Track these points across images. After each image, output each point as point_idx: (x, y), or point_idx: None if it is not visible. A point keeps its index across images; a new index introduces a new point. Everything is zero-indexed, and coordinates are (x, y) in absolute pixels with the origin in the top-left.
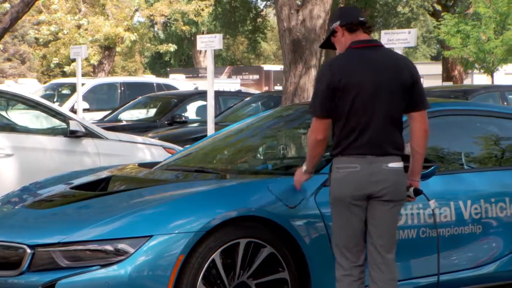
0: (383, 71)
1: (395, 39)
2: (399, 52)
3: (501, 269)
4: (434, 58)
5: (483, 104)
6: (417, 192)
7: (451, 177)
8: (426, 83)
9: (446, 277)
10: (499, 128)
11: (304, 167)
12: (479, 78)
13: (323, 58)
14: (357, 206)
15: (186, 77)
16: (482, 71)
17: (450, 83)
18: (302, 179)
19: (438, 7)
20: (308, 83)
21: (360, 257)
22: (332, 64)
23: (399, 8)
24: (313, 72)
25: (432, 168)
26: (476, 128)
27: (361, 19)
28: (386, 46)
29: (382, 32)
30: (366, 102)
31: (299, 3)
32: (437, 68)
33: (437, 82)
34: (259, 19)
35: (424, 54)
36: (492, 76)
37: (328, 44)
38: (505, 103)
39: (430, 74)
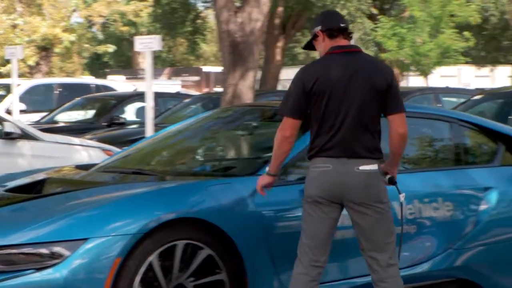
0: (355, 76)
1: None
2: None
3: (435, 267)
4: None
5: (417, 106)
6: (392, 181)
7: None
8: None
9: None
10: (433, 129)
11: (266, 169)
12: (415, 80)
13: (262, 60)
14: (326, 206)
15: (127, 78)
16: (418, 73)
17: None
18: (264, 182)
19: (375, 11)
20: (247, 84)
21: (320, 258)
22: (307, 68)
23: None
24: (251, 74)
25: None
26: (411, 129)
27: (342, 25)
28: None
29: None
30: (338, 106)
31: (238, 5)
32: None
33: None
34: (199, 21)
35: None
36: (427, 78)
37: (309, 46)
38: (439, 105)
39: None
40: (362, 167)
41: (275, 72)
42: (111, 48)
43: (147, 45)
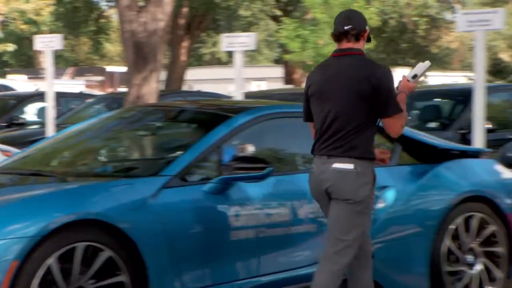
0: (340, 79)
1: (236, 43)
2: (240, 55)
3: None
4: (277, 62)
5: None
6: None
7: (287, 178)
8: (268, 85)
9: (286, 274)
10: None
11: None
12: None
13: (167, 60)
14: (323, 204)
15: (29, 78)
16: None
17: (291, 86)
18: None
19: (279, 12)
20: (151, 85)
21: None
22: (308, 76)
23: (241, 12)
24: (155, 74)
25: (268, 169)
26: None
27: (346, 28)
28: (227, 49)
29: (223, 35)
30: (322, 108)
31: (141, 5)
32: (279, 71)
33: (280, 85)
34: (102, 20)
35: (267, 57)
36: None
37: None
38: None
39: (272, 77)
40: (335, 165)
41: (180, 72)
42: (11, 47)
43: (47, 44)
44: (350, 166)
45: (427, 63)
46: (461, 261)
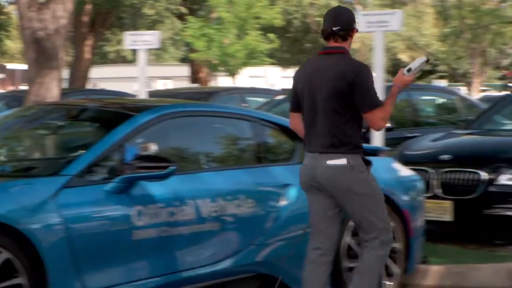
0: (319, 77)
1: (139, 41)
2: (144, 53)
3: (238, 263)
4: (183, 60)
5: (220, 105)
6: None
7: (190, 176)
8: (174, 84)
9: (188, 273)
10: (235, 128)
11: None
12: (225, 80)
13: (70, 58)
14: (312, 194)
15: None
16: (226, 73)
17: (197, 85)
18: None
19: (185, 10)
20: (52, 83)
21: (317, 244)
22: (296, 71)
23: (146, 10)
24: (57, 72)
25: (171, 168)
26: (215, 128)
27: (334, 29)
28: (131, 47)
29: (127, 33)
30: (309, 104)
31: (41, 1)
32: (185, 70)
33: (186, 84)
34: (3, 17)
35: (173, 56)
36: (235, 79)
37: None
38: (245, 105)
39: (178, 76)
40: (328, 162)
41: (84, 70)
42: None
43: None
44: (343, 161)
45: (424, 58)
46: (360, 257)
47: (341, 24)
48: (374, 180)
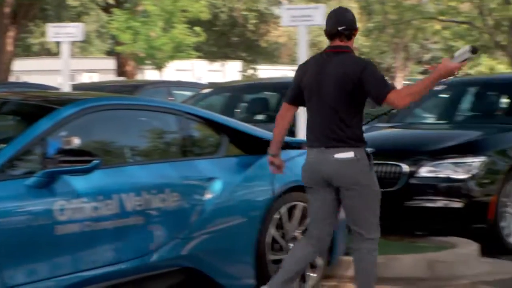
0: (330, 76)
1: (62, 33)
2: (67, 46)
3: (163, 257)
4: (109, 54)
5: (145, 98)
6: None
7: (115, 170)
8: (100, 77)
9: (112, 268)
10: (161, 122)
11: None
12: (152, 74)
13: None
14: (316, 190)
15: None
16: (153, 66)
17: (123, 78)
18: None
19: (111, 2)
20: None
21: (313, 236)
22: (301, 65)
23: (70, 1)
24: None
25: (94, 162)
26: (140, 122)
27: (339, 29)
28: (54, 39)
29: (49, 25)
30: (315, 101)
31: None
32: (111, 63)
33: (112, 77)
34: None
35: (98, 49)
36: (162, 72)
37: None
38: (171, 98)
39: (104, 69)
40: (337, 156)
41: (6, 63)
42: None
43: None
44: (350, 154)
45: (467, 47)
46: (285, 250)
47: (345, 24)
48: (374, 174)
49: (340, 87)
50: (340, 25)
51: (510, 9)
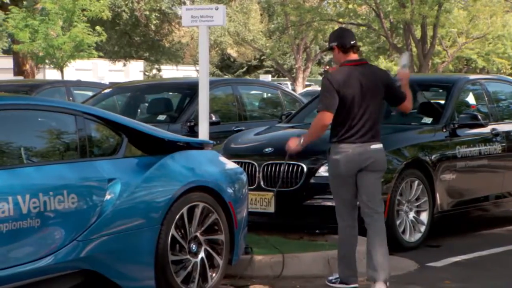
0: (366, 83)
1: None
2: None
3: (60, 260)
4: (6, 52)
5: (42, 99)
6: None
7: (10, 172)
8: None
9: (4, 272)
10: (58, 122)
11: (301, 140)
12: (52, 73)
13: None
14: (346, 179)
15: None
16: (52, 66)
17: (21, 77)
18: (293, 147)
19: (7, 0)
20: None
21: (349, 220)
22: (333, 78)
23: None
24: None
25: None
26: (39, 122)
27: (352, 42)
28: None
29: None
30: (357, 107)
31: None
32: (9, 62)
33: (9, 76)
34: None
35: None
36: (62, 71)
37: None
38: (71, 98)
39: (2, 68)
40: (373, 146)
41: None
42: None
43: None
44: (380, 145)
45: (406, 52)
46: (185, 250)
47: (354, 38)
48: None
49: (379, 95)
50: (352, 39)
51: (405, 12)
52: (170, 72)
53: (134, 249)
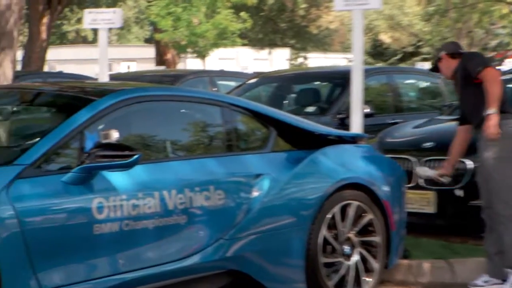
0: None
1: (100, 19)
2: (104, 33)
3: (207, 259)
4: (148, 41)
5: (187, 89)
6: None
7: (156, 165)
8: (139, 66)
9: (152, 270)
10: (204, 114)
11: (494, 110)
12: (193, 63)
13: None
14: None
15: None
16: (195, 55)
17: (163, 67)
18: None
19: None
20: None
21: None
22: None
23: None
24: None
25: (135, 157)
26: (182, 114)
27: (460, 50)
28: (90, 26)
29: (86, 11)
30: None
31: None
32: (151, 51)
33: (151, 66)
34: None
35: (137, 36)
36: (205, 61)
37: (435, 69)
38: (214, 89)
39: (143, 58)
40: None
41: (40, 51)
42: None
43: None
44: None
45: None
46: (337, 252)
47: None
48: None
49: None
50: (460, 48)
51: None
52: (317, 60)
53: (284, 250)
